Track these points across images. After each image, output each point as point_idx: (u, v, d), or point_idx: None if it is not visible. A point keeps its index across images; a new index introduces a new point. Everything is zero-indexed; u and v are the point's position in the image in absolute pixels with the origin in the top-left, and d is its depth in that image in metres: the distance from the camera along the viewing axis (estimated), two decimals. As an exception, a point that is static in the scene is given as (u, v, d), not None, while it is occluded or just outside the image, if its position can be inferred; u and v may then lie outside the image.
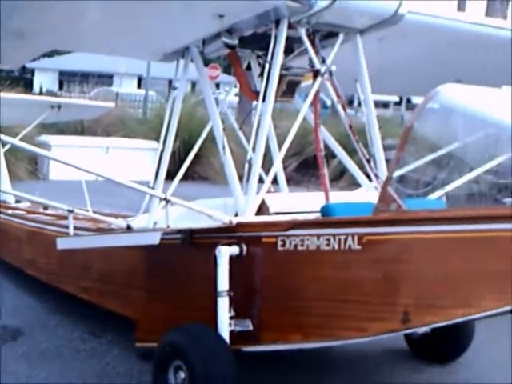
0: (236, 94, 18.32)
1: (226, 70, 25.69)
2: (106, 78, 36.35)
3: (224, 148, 5.30)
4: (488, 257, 3.77)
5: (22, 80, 23.84)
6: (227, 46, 5.35)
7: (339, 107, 5.46)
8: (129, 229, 5.79)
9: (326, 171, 5.41)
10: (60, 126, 17.07)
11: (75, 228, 6.22)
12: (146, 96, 27.21)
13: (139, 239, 5.30)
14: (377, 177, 5.39)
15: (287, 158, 19.14)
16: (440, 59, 6.09)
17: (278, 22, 5.13)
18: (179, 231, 5.02)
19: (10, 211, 8.50)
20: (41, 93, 33.12)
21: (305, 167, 18.51)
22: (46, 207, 8.46)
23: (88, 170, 4.86)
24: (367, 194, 5.48)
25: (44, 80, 39.17)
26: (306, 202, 5.24)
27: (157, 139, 20.44)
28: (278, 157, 5.30)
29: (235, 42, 5.35)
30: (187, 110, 21.03)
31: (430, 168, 5.71)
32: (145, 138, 19.60)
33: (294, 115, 6.30)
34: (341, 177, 17.91)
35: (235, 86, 6.38)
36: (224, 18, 5.04)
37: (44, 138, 17.67)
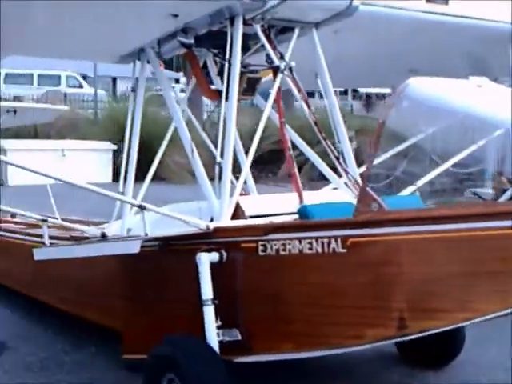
0: (182, 91, 18.36)
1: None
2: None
3: (192, 151, 5.19)
4: (483, 256, 3.71)
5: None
6: (183, 45, 5.30)
7: (302, 103, 5.40)
8: (103, 237, 5.64)
9: (296, 171, 5.32)
10: (14, 131, 16.82)
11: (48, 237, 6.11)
12: (95, 96, 26.90)
13: (119, 248, 5.16)
14: (347, 173, 5.31)
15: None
16: (395, 49, 6.11)
17: (232, 20, 5.07)
18: (156, 239, 4.93)
19: None
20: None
21: (261, 163, 18.52)
22: (13, 215, 8.32)
23: (53, 175, 4.75)
24: (338, 192, 5.44)
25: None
26: (281, 204, 5.15)
27: (110, 140, 20.41)
28: (248, 157, 5.18)
29: (191, 41, 5.28)
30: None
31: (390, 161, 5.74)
32: (98, 139, 19.43)
33: (246, 111, 6.34)
34: (299, 172, 17.93)
35: (177, 82, 6.33)
36: (178, 18, 4.99)
37: (-4, 142, 17.46)
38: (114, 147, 18.92)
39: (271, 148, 16.07)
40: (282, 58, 5.28)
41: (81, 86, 29.00)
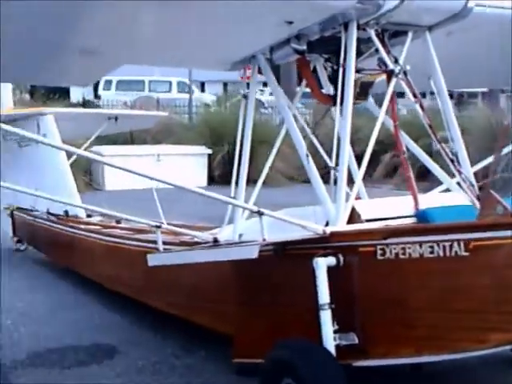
0: (270, 94, 18.44)
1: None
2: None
3: (307, 156, 5.25)
4: None
5: (58, 91, 23.91)
6: (296, 51, 5.34)
7: (417, 106, 5.35)
8: (215, 242, 5.76)
9: (411, 173, 5.27)
10: (111, 137, 17.22)
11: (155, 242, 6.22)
12: (190, 101, 27.25)
13: (237, 253, 5.20)
14: (461, 174, 5.24)
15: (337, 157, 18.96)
16: (508, 49, 6.00)
17: (346, 25, 5.08)
18: (272, 243, 4.96)
19: (83, 226, 8.61)
20: (83, 104, 33.37)
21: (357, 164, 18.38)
22: (118, 221, 8.52)
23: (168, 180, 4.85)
24: (452, 194, 5.38)
25: (79, 90, 39.19)
26: (396, 207, 5.13)
27: (205, 144, 20.68)
28: (364, 161, 5.20)
29: (304, 47, 5.31)
30: (233, 112, 21.14)
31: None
32: (193, 144, 19.71)
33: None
34: (394, 173, 17.75)
35: (264, 85, 6.35)
36: (293, 25, 5.02)
37: (96, 148, 17.83)
38: (209, 151, 19.16)
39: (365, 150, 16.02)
40: (396, 61, 5.25)
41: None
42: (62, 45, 5.11)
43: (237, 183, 5.91)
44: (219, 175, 19.00)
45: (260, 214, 4.87)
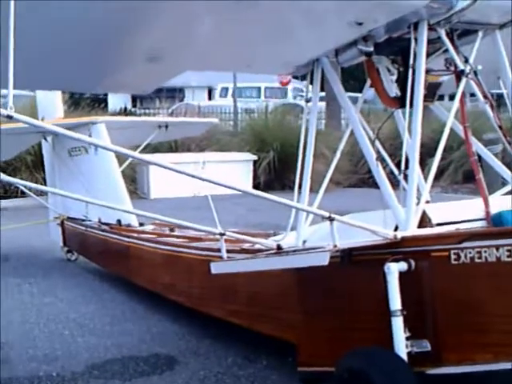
0: (322, 99, 18.36)
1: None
2: (177, 92, 36.44)
3: (377, 158, 5.19)
4: None
5: (96, 99, 23.97)
6: (364, 53, 5.22)
7: (487, 107, 5.23)
8: (279, 249, 5.66)
9: (481, 176, 5.14)
10: (154, 145, 17.25)
11: (217, 250, 6.12)
12: (235, 107, 27.23)
13: (306, 260, 5.05)
14: None
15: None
16: None
17: (416, 25, 4.96)
18: (343, 250, 4.86)
19: (137, 234, 8.55)
20: (125, 112, 33.51)
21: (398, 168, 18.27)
22: (172, 229, 8.45)
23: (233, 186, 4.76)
24: None
25: (116, 98, 39.40)
26: (466, 210, 5.04)
27: (249, 151, 20.65)
28: (434, 164, 5.06)
29: (371, 48, 5.21)
30: (277, 118, 21.08)
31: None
32: (238, 151, 19.66)
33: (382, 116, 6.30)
34: (441, 175, 17.57)
35: (301, 91, 6.27)
36: (362, 26, 4.90)
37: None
38: (255, 158, 19.09)
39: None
40: (466, 61, 5.12)
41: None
42: (127, 51, 5.04)
43: (300, 189, 5.83)
44: (264, 182, 18.93)
45: (331, 219, 4.75)
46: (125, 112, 34.12)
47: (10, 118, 3.72)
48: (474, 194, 5.83)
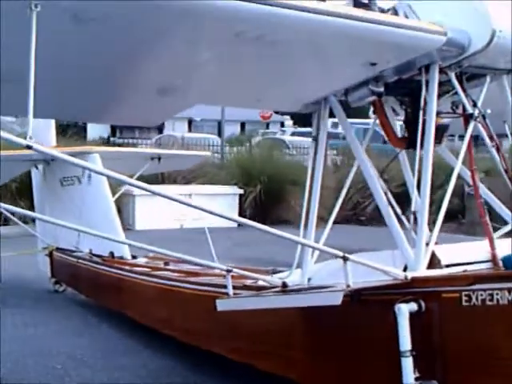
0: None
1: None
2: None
3: (387, 194, 5.29)
4: None
5: (75, 127, 23.93)
6: (374, 93, 5.25)
7: (493, 151, 5.29)
8: (285, 286, 5.62)
9: (487, 218, 5.17)
10: (146, 176, 17.19)
11: (217, 285, 6.05)
12: (222, 141, 27.28)
13: (318, 299, 5.05)
14: None
15: (367, 197, 18.89)
16: None
17: (427, 67, 5.02)
18: (355, 290, 4.81)
19: (130, 268, 8.46)
20: (108, 141, 33.40)
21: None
22: (166, 263, 8.37)
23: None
24: None
25: (94, 127, 39.14)
26: (473, 252, 5.06)
27: (236, 184, 20.55)
28: (443, 204, 5.09)
29: (381, 89, 5.25)
30: (264, 152, 21.09)
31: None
32: (224, 184, 19.64)
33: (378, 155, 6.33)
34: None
35: (282, 126, 6.30)
36: (375, 67, 4.94)
37: (127, 187, 17.78)
38: (241, 191, 19.07)
39: (396, 191, 16.03)
40: (475, 105, 5.16)
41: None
42: (138, 84, 5.04)
43: (305, 225, 5.81)
44: (250, 215, 18.87)
45: (345, 259, 4.73)
46: (107, 141, 34.14)
47: (29, 148, 3.68)
48: (455, 232, 5.93)
